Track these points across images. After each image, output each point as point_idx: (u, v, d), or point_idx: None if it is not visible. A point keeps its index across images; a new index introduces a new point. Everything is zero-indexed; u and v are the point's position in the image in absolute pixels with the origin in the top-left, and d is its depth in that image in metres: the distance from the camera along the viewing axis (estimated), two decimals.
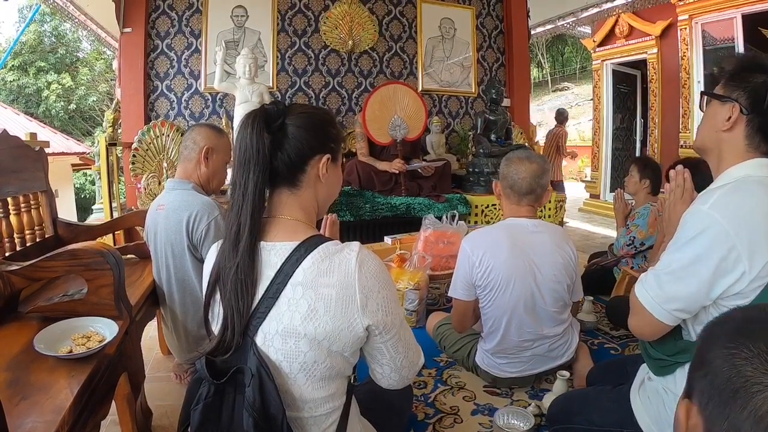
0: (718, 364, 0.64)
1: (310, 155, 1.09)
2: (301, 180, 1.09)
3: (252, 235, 1.00)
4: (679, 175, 1.44)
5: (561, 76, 23.24)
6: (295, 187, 1.10)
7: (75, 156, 11.14)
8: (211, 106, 4.67)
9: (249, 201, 1.00)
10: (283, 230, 1.06)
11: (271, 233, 1.05)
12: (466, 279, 1.95)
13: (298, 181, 1.09)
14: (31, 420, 0.99)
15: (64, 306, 1.52)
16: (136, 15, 4.38)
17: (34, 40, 17.04)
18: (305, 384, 1.00)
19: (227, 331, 0.98)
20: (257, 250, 1.01)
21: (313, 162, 1.10)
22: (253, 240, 1.00)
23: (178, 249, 1.98)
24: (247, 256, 0.99)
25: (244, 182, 1.01)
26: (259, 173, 1.01)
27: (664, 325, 1.25)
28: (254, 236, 1.01)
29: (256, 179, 1.01)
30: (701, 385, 0.67)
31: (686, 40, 6.55)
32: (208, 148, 2.07)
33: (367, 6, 5.06)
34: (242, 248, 0.99)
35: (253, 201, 1.00)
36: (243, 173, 1.01)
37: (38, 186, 2.17)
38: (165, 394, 2.17)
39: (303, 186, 1.10)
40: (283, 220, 1.08)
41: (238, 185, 1.01)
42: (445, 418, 1.91)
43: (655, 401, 1.35)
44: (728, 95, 1.24)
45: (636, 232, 3.02)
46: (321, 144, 1.11)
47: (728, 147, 1.26)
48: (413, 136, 4.41)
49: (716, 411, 0.63)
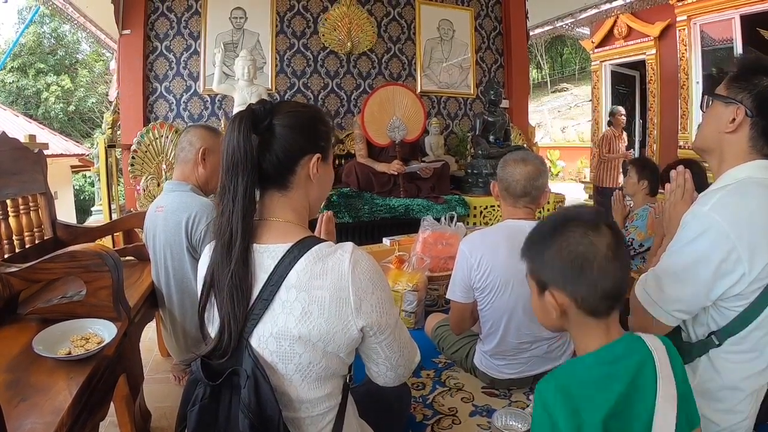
0: (558, 256, 0.97)
1: (300, 155, 1.08)
2: (291, 181, 1.08)
3: (244, 239, 0.99)
4: (680, 175, 1.45)
5: (560, 77, 23.24)
6: (285, 188, 1.08)
7: (74, 158, 11.15)
8: (210, 108, 4.68)
9: (239, 205, 0.99)
10: (275, 232, 1.05)
11: (263, 236, 1.04)
12: (464, 281, 1.95)
13: (288, 182, 1.08)
14: (30, 421, 1.00)
15: (63, 308, 1.52)
16: (135, 17, 4.39)
17: (34, 41, 17.02)
18: (301, 384, 1.00)
19: (224, 335, 0.98)
20: (250, 253, 1.00)
21: (302, 162, 1.08)
22: (246, 244, 0.99)
23: (177, 250, 1.98)
24: (241, 261, 0.98)
25: (233, 186, 0.99)
26: (247, 176, 0.99)
27: (664, 326, 1.25)
28: (246, 241, 1.00)
29: (246, 182, 0.99)
30: (552, 275, 0.99)
31: (685, 41, 6.57)
32: (204, 149, 2.07)
33: (365, 7, 5.06)
34: (236, 253, 0.98)
35: (243, 205, 0.99)
36: (231, 177, 0.99)
37: (37, 188, 2.17)
38: (164, 395, 2.17)
39: (293, 187, 1.08)
40: (274, 223, 1.07)
41: (228, 189, 1.00)
42: (444, 419, 1.90)
43: None
44: (733, 97, 1.23)
45: (635, 234, 3.02)
46: (310, 143, 1.09)
47: (730, 148, 1.26)
48: (412, 138, 4.41)
49: (574, 283, 0.96)
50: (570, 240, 0.96)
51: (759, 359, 1.19)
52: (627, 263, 0.99)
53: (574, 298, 0.96)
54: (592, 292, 0.95)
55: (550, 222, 1.04)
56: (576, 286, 0.96)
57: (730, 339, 1.19)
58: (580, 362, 1.00)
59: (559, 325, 1.04)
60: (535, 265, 1.04)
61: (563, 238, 0.97)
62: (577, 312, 0.98)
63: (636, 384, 0.94)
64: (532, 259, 1.05)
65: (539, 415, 0.95)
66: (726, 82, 1.27)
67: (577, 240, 0.96)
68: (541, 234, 1.04)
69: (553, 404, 0.93)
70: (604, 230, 0.96)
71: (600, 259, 0.94)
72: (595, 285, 0.94)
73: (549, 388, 0.95)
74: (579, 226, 0.97)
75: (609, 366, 0.95)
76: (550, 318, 1.03)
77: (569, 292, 0.97)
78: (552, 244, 0.99)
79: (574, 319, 1.00)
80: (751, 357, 1.19)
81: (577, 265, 0.95)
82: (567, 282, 0.97)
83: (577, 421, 0.90)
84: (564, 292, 0.98)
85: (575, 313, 0.98)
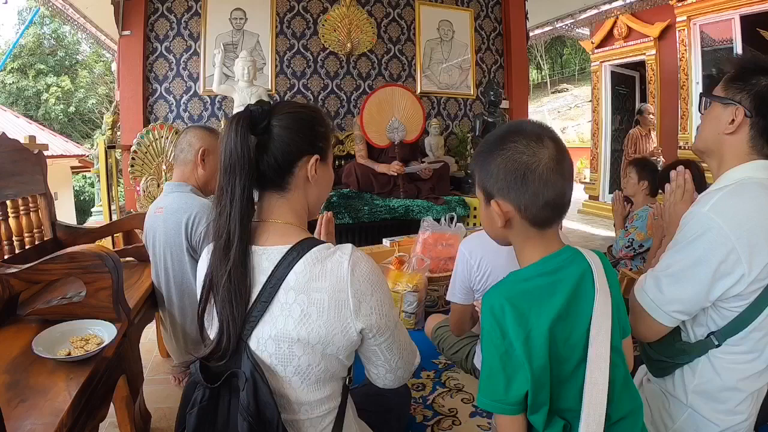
0: (503, 166, 1.00)
1: (297, 157, 1.07)
2: (290, 182, 1.07)
3: (242, 242, 0.98)
4: (679, 175, 1.44)
5: (560, 77, 23.27)
6: (283, 190, 1.07)
7: (74, 159, 11.16)
8: (209, 109, 4.68)
9: (237, 207, 0.98)
10: (274, 234, 1.04)
11: (261, 237, 1.04)
12: (464, 283, 1.95)
13: (287, 183, 1.07)
14: (30, 422, 1.00)
15: (63, 309, 1.52)
16: (135, 18, 4.39)
17: (34, 42, 17.06)
18: (300, 387, 1.00)
19: (223, 336, 0.98)
20: (248, 255, 1.00)
21: (301, 164, 1.07)
22: (244, 247, 0.99)
23: (177, 251, 1.98)
24: (239, 263, 0.98)
25: (231, 188, 0.98)
26: (245, 178, 0.99)
27: (663, 327, 1.25)
28: (245, 243, 0.99)
29: (243, 184, 0.98)
30: (497, 185, 1.02)
31: (684, 42, 6.56)
32: (204, 149, 2.06)
33: (365, 8, 5.06)
34: (233, 255, 0.97)
35: (241, 207, 0.99)
36: (229, 179, 0.98)
37: (37, 189, 2.17)
38: (164, 396, 2.17)
39: (292, 188, 1.08)
40: (273, 224, 1.06)
41: (226, 191, 0.99)
42: (444, 420, 1.91)
43: (653, 402, 1.35)
44: (731, 98, 1.22)
45: (635, 234, 3.03)
46: (309, 144, 1.08)
47: (730, 149, 1.25)
48: (411, 139, 4.41)
49: (518, 191, 0.99)
50: (514, 150, 0.99)
51: (758, 360, 1.19)
52: (569, 175, 1.02)
53: (517, 205, 1.01)
54: (535, 201, 0.99)
55: (496, 133, 1.07)
56: (519, 194, 0.99)
57: (730, 339, 1.19)
58: (524, 273, 1.05)
59: (504, 235, 1.09)
60: (481, 175, 1.06)
61: (508, 149, 1.00)
62: (520, 221, 1.02)
63: (576, 293, 1.00)
64: (479, 169, 1.07)
65: (489, 324, 1.00)
66: (723, 83, 1.26)
67: (521, 150, 0.99)
68: (487, 145, 1.06)
69: (501, 314, 0.98)
70: (547, 142, 1.00)
71: (542, 169, 0.98)
72: (537, 194, 0.98)
73: (496, 300, 1.00)
74: (523, 137, 1.00)
75: (550, 276, 1.01)
76: (495, 227, 1.07)
77: (512, 199, 1.01)
78: (497, 154, 1.02)
79: (516, 228, 1.04)
80: (751, 358, 1.19)
81: (519, 174, 0.98)
82: (511, 190, 1.00)
83: (525, 328, 0.97)
84: (508, 200, 1.02)
85: (518, 223, 1.03)
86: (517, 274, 1.06)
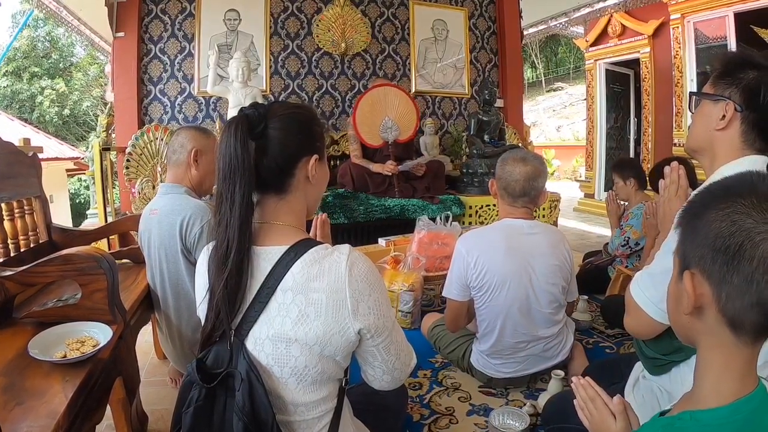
0: (715, 226, 0.70)
1: (298, 158, 1.07)
2: (290, 184, 1.07)
3: (241, 247, 0.98)
4: (674, 171, 1.45)
5: (555, 76, 23.32)
6: (283, 192, 1.07)
7: (69, 161, 11.10)
8: (204, 110, 4.67)
9: (236, 213, 0.97)
10: (273, 235, 1.05)
11: (260, 238, 1.04)
12: (460, 280, 1.96)
13: (287, 185, 1.07)
14: (26, 425, 0.99)
15: (59, 311, 1.52)
16: (128, 20, 4.37)
17: (28, 45, 17.00)
18: (296, 388, 1.00)
19: (210, 321, 1.00)
20: (247, 258, 0.99)
21: (301, 165, 1.07)
22: (242, 252, 0.98)
23: (172, 253, 1.98)
24: (235, 272, 0.97)
25: (230, 194, 0.97)
26: (245, 184, 0.97)
27: (659, 324, 1.25)
28: (243, 248, 0.98)
29: (243, 190, 0.97)
30: (700, 252, 0.72)
31: (679, 39, 6.58)
32: (196, 150, 2.06)
33: (359, 8, 5.06)
34: (231, 261, 0.97)
35: (241, 213, 0.98)
36: (229, 185, 0.97)
37: (32, 191, 2.17)
38: (160, 398, 2.17)
39: (292, 190, 1.08)
40: (273, 225, 1.06)
41: (225, 198, 0.98)
42: (441, 418, 1.91)
43: (649, 400, 1.35)
44: (720, 93, 1.23)
45: (630, 233, 3.04)
46: (308, 145, 1.08)
47: (722, 145, 1.25)
48: (405, 138, 4.41)
49: (723, 270, 0.69)
50: (734, 211, 0.69)
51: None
52: None
53: (717, 292, 0.70)
54: (743, 292, 0.67)
55: (719, 185, 0.75)
56: (724, 275, 0.69)
57: None
58: (707, 419, 0.72)
59: (688, 327, 0.79)
60: (682, 235, 0.78)
61: (726, 207, 0.70)
62: (716, 316, 0.71)
63: None
64: (681, 227, 0.79)
65: None
66: (712, 80, 1.26)
67: (745, 212, 0.68)
68: (704, 197, 0.75)
69: None
70: None
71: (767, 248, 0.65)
72: (749, 282, 0.67)
73: None
74: (752, 197, 0.69)
75: (741, 424, 0.70)
76: (679, 311, 0.78)
77: (713, 281, 0.70)
78: (711, 212, 0.71)
79: (708, 326, 0.74)
80: None
81: (733, 247, 0.67)
82: (714, 266, 0.70)
83: None
84: (706, 278, 0.72)
85: (713, 317, 0.72)
86: (698, 419, 0.73)
